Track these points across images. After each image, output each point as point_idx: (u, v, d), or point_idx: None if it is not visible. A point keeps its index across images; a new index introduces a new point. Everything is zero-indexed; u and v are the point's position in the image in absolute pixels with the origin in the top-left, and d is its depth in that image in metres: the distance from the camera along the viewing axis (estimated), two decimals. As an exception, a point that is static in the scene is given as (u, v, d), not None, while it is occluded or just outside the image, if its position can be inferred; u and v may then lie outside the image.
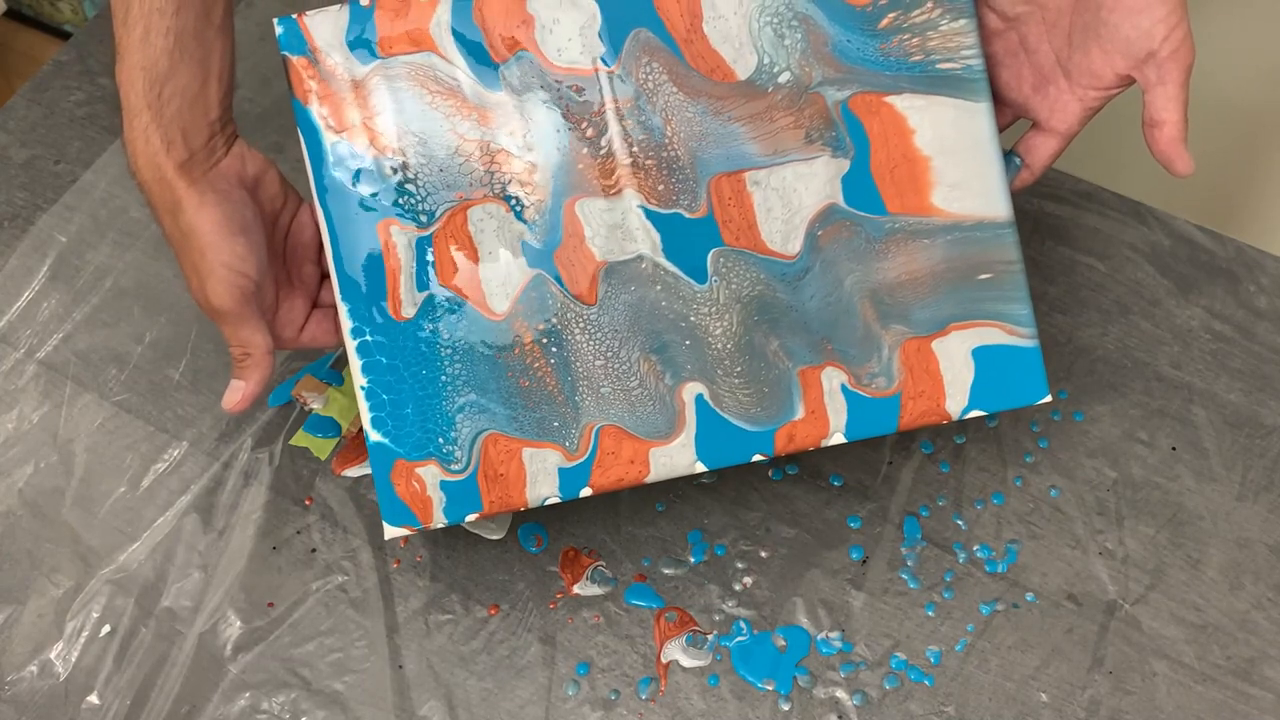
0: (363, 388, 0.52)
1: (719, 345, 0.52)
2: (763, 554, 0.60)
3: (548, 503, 0.52)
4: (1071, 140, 0.54)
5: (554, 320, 0.52)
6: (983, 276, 0.52)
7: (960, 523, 0.60)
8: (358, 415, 0.64)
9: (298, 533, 0.61)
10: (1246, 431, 0.62)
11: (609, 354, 0.52)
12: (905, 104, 0.51)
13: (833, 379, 0.52)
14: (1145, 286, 0.66)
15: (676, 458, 0.52)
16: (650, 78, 0.51)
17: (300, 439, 0.63)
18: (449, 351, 0.52)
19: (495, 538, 0.60)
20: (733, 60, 0.51)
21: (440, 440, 0.52)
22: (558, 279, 0.51)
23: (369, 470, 0.62)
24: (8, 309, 0.68)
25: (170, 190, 0.49)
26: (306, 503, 0.62)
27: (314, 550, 0.60)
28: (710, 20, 0.51)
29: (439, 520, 0.52)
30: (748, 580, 0.59)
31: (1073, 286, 0.67)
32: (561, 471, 0.52)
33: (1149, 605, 0.58)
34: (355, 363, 0.52)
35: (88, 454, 0.63)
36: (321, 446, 0.63)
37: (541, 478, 0.52)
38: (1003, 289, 0.52)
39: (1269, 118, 0.87)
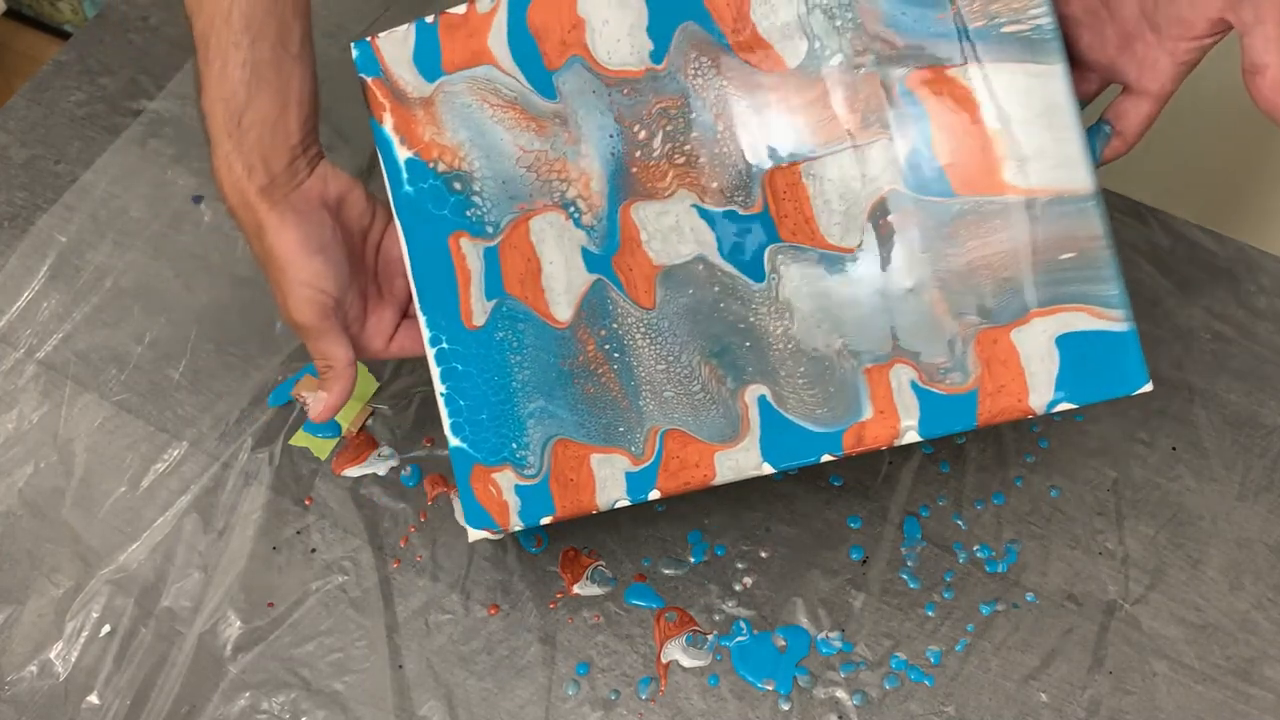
0: (442, 394, 0.53)
1: (780, 345, 0.50)
2: (763, 554, 0.60)
3: (618, 506, 0.52)
4: (1166, 101, 0.50)
5: (615, 326, 0.51)
6: (1065, 256, 0.47)
7: (960, 523, 0.60)
8: (358, 415, 0.64)
9: (298, 533, 0.61)
10: (1246, 431, 0.62)
11: (670, 358, 0.51)
12: (968, 75, 0.47)
13: (901, 376, 0.49)
14: (1145, 286, 0.66)
15: (742, 460, 0.51)
16: (699, 73, 0.50)
17: (300, 439, 0.63)
18: (518, 358, 0.52)
19: (495, 537, 0.60)
20: (782, 48, 0.49)
21: (514, 445, 0.52)
22: (617, 284, 0.51)
23: (369, 470, 0.62)
24: (8, 309, 0.68)
25: (253, 213, 0.50)
26: (306, 503, 0.62)
27: (314, 550, 0.60)
28: (757, 7, 0.49)
29: (515, 524, 0.53)
30: (748, 580, 0.59)
31: (1073, 286, 0.67)
32: (629, 475, 0.52)
33: (1149, 605, 0.58)
34: (435, 370, 0.53)
35: (88, 454, 0.63)
36: (321, 446, 0.63)
37: (611, 482, 0.52)
38: (1089, 268, 0.47)
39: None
